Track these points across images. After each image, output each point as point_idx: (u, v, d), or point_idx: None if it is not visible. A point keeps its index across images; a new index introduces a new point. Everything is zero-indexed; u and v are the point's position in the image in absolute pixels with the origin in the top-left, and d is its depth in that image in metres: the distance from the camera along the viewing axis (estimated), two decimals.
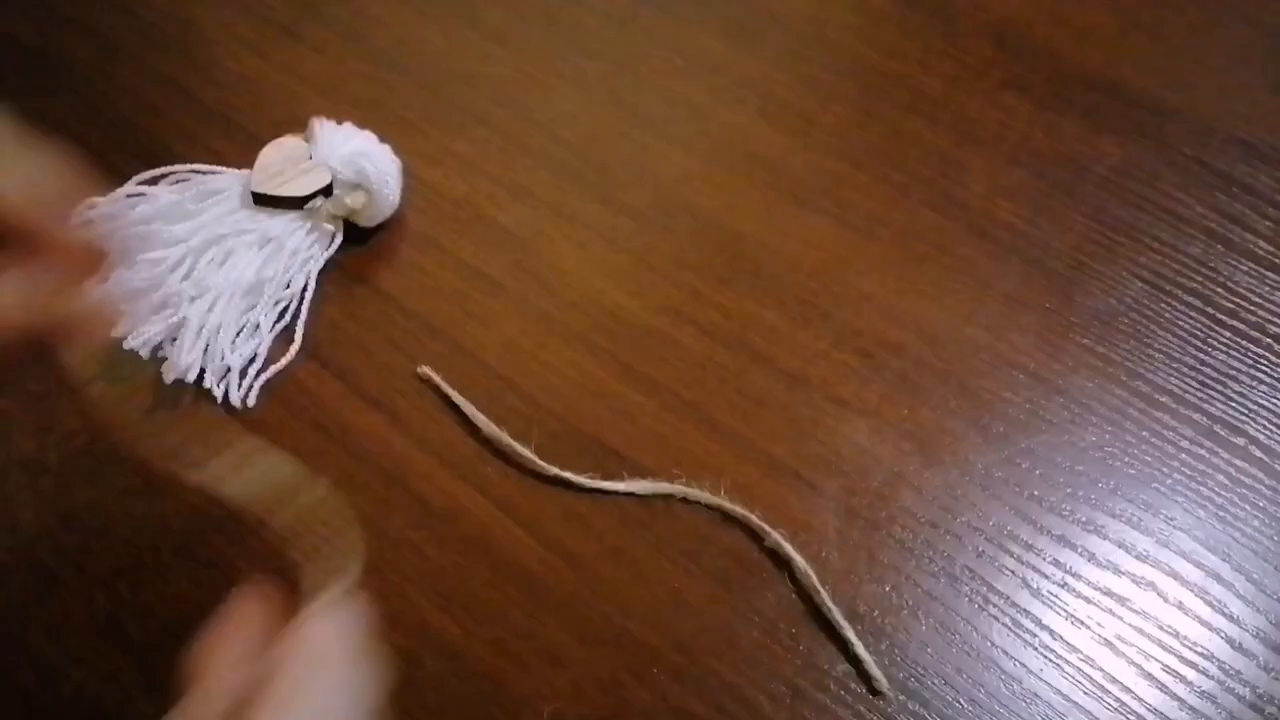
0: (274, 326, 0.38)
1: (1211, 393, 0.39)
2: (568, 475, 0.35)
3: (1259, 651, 0.33)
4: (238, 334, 0.38)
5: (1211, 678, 0.33)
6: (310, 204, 0.39)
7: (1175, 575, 0.35)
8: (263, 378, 0.37)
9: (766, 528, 0.34)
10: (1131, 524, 0.36)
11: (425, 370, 0.37)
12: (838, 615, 0.33)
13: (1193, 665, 0.33)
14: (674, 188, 0.44)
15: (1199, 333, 0.40)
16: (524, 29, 0.49)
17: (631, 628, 0.33)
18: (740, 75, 0.48)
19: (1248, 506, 0.36)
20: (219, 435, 0.36)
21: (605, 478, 0.35)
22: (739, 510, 0.35)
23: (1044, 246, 0.42)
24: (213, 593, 0.33)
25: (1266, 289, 0.42)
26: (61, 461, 0.36)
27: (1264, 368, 0.40)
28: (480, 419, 0.36)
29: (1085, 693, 0.32)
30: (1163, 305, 0.41)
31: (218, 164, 0.41)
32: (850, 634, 0.32)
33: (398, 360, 0.38)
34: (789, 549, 0.34)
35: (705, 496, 0.35)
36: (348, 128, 0.40)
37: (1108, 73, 0.48)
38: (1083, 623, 0.34)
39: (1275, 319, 0.41)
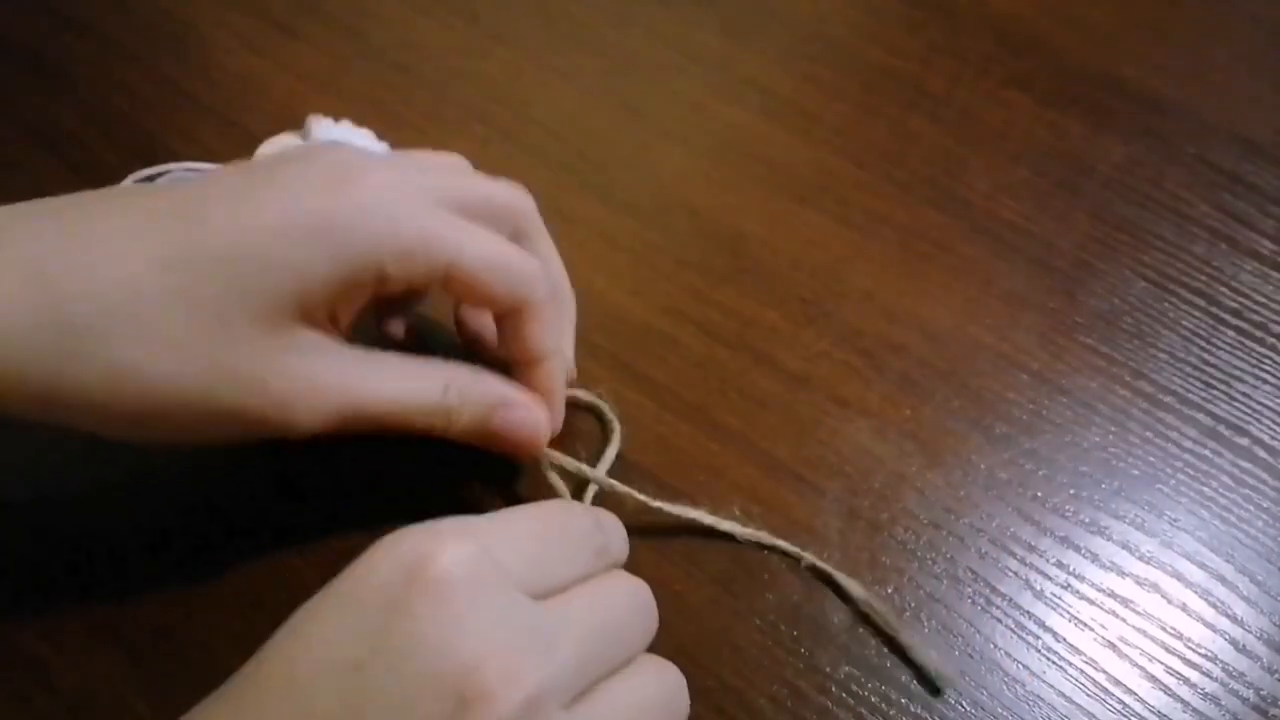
0: None
1: (1215, 393, 0.39)
2: None
3: (1263, 653, 0.33)
4: None
5: (1215, 680, 0.32)
6: None
7: (1179, 577, 0.34)
8: None
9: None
10: (1135, 525, 0.35)
11: None
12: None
13: (1196, 667, 0.33)
14: (674, 186, 0.43)
15: (1203, 332, 0.40)
16: (523, 26, 0.49)
17: None
18: (741, 73, 0.47)
19: (1251, 508, 0.36)
20: None
21: None
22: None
23: (1047, 245, 0.42)
24: (207, 592, 0.33)
25: (1270, 288, 0.41)
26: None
27: (1268, 368, 0.39)
28: None
29: (1088, 695, 0.32)
30: (1166, 304, 0.41)
31: (214, 162, 0.41)
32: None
33: None
34: (791, 550, 0.34)
35: None
36: (345, 125, 0.40)
37: (1111, 70, 0.48)
38: (1086, 625, 0.33)
39: (1279, 319, 0.41)
